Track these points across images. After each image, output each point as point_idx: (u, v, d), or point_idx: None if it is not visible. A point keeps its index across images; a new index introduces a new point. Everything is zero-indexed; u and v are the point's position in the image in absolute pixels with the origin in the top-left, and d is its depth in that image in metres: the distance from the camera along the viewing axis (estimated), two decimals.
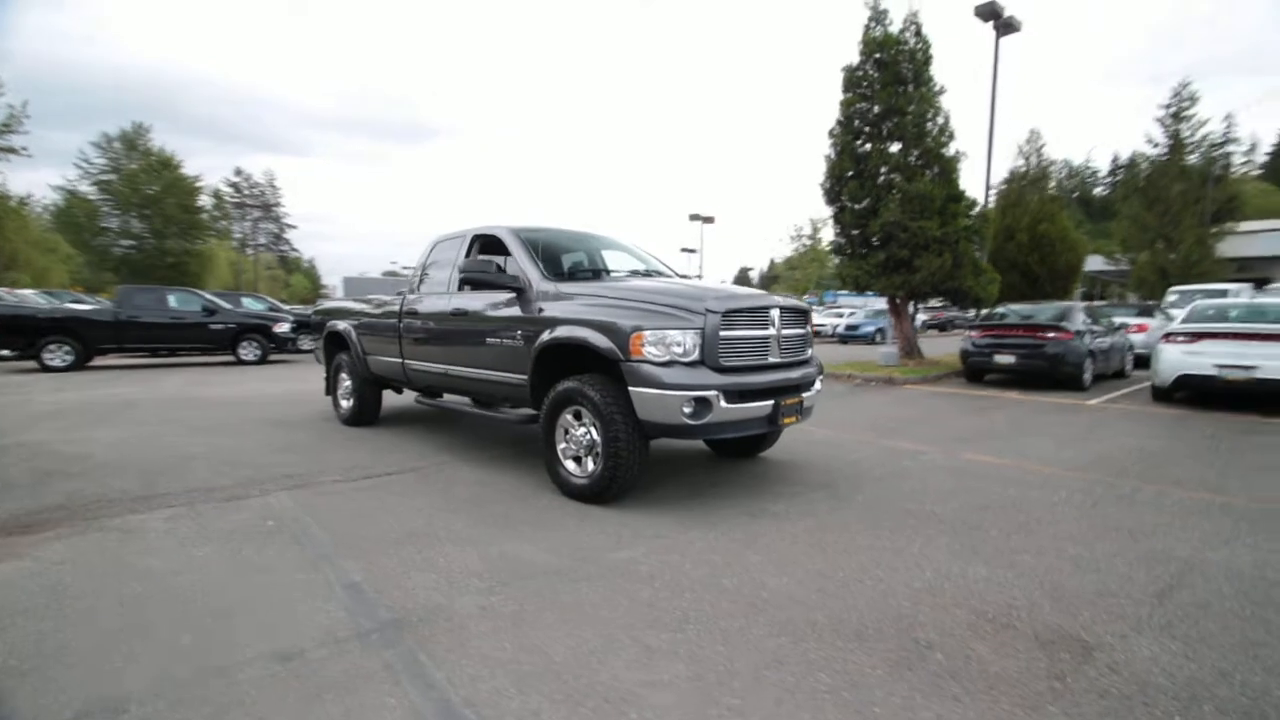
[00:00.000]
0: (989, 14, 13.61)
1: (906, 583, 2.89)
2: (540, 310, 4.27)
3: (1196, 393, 7.93)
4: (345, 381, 6.80)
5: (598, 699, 2.00)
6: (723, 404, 3.68)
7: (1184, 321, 8.10)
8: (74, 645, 2.31)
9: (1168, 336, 7.91)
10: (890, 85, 11.96)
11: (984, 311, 12.62)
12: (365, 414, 6.65)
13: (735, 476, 4.70)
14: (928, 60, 12.11)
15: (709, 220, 31.40)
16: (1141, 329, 12.82)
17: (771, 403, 3.92)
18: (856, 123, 12.49)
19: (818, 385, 4.48)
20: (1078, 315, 9.74)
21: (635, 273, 5.11)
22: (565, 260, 5.21)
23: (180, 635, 2.38)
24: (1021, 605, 2.67)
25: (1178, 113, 25.33)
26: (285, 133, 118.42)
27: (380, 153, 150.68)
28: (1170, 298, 19.56)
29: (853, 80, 12.67)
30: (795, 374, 4.21)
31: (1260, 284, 22.03)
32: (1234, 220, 26.54)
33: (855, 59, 12.68)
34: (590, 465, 4.01)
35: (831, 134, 12.93)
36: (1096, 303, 20.71)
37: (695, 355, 3.70)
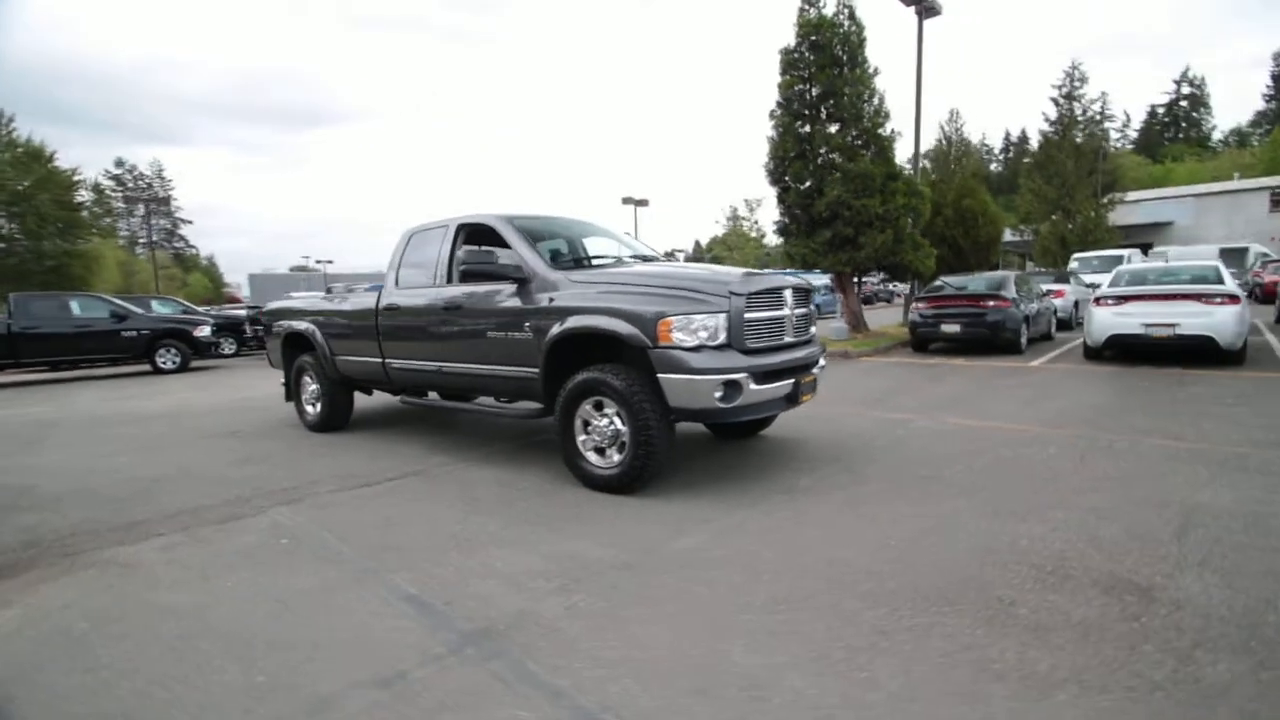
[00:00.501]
0: None
1: (960, 545, 3.02)
2: (551, 300, 4.14)
3: (1123, 349, 8.69)
4: (310, 385, 6.38)
5: (732, 688, 1.99)
6: (751, 386, 3.71)
7: (1111, 286, 8.85)
8: (134, 702, 2.06)
9: (1098, 300, 8.62)
10: (827, 68, 12.29)
11: (927, 285, 13.31)
12: (336, 418, 6.27)
13: (746, 457, 4.76)
14: (862, 42, 12.50)
15: (643, 203, 31.41)
16: (1059, 294, 13.91)
17: (792, 381, 3.99)
18: (796, 104, 12.78)
19: (823, 361, 4.59)
20: (1011, 284, 10.44)
21: (636, 258, 5.04)
22: (559, 247, 5.07)
23: (253, 674, 2.17)
24: (1071, 556, 2.85)
25: (1070, 93, 27.42)
26: (169, 120, 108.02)
27: (281, 141, 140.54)
28: (1073, 264, 21.34)
29: (790, 62, 12.93)
30: (805, 352, 4.30)
31: (1145, 249, 24.36)
32: (1117, 191, 29.19)
33: (791, 41, 12.96)
34: (615, 456, 3.95)
35: (772, 115, 13.18)
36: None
37: (722, 338, 3.70)
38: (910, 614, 2.40)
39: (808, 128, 12.55)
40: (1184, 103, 78.69)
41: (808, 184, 12.68)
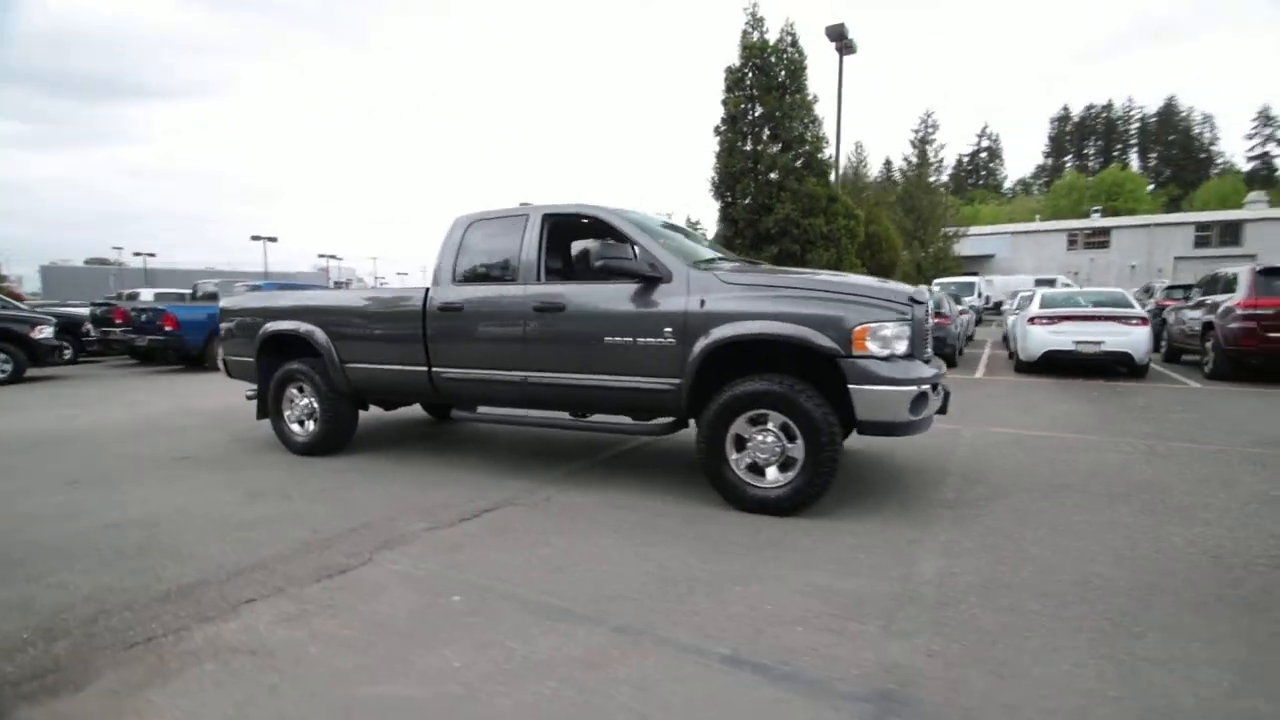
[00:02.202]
0: (835, 35, 15.18)
1: (1157, 546, 3.13)
2: (703, 304, 3.74)
3: (1049, 363, 9.84)
4: (299, 400, 5.27)
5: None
6: (931, 396, 3.61)
7: (1041, 308, 10.00)
8: None
9: (1033, 320, 9.70)
10: (773, 90, 12.78)
11: None
12: (338, 438, 5.25)
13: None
14: (802, 69, 13.16)
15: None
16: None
17: (944, 393, 3.95)
18: (741, 123, 13.15)
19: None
20: (946, 302, 11.45)
21: (729, 259, 4.73)
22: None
23: None
24: (1256, 550, 3.06)
25: (924, 137, 31.08)
26: None
27: (75, 113, 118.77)
28: (935, 288, 24.09)
29: (735, 81, 13.29)
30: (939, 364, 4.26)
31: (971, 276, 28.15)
32: (950, 225, 33.51)
33: (736, 61, 13.33)
34: (777, 474, 3.64)
35: (717, 131, 13.44)
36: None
37: (906, 348, 3.55)
38: (1172, 608, 2.44)
39: (756, 146, 12.93)
40: (984, 154, 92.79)
41: (748, 200, 13.05)
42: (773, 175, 12.62)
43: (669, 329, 3.79)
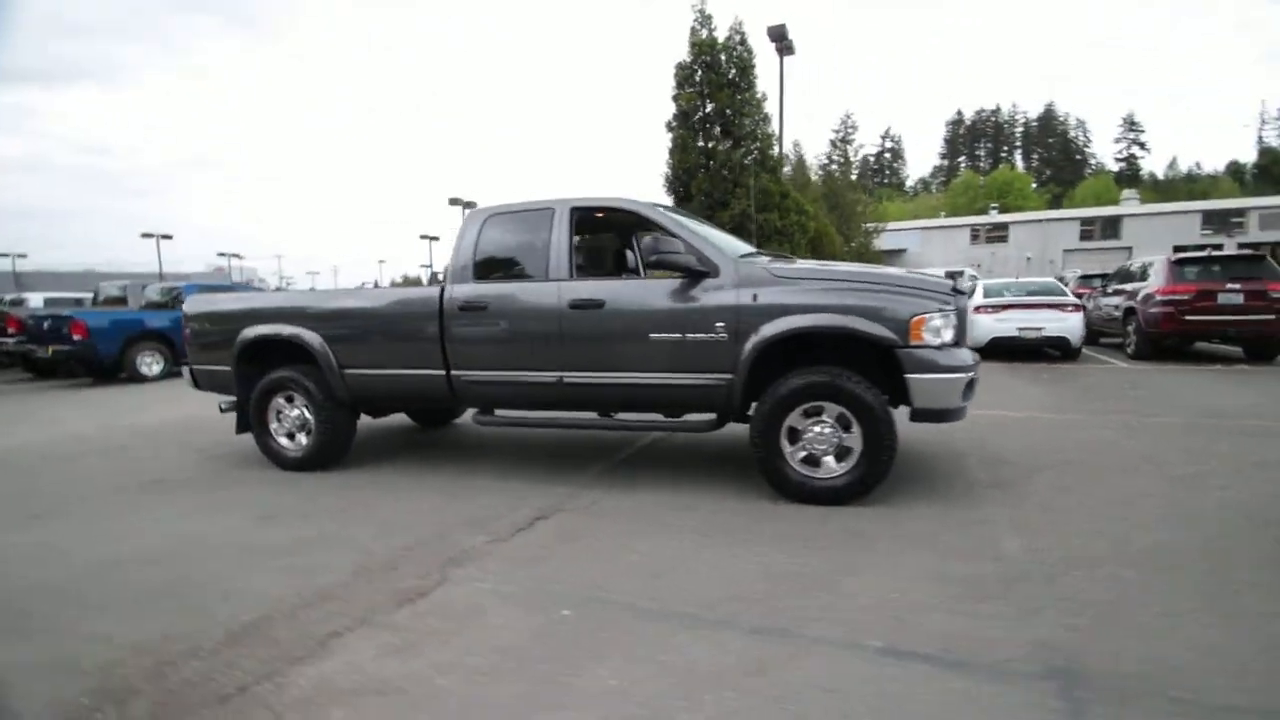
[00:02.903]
0: (776, 36, 15.55)
1: (1195, 511, 3.41)
2: (755, 298, 3.70)
3: (994, 349, 10.51)
4: (290, 411, 4.82)
5: None
6: (976, 383, 3.75)
7: (985, 298, 10.66)
8: None
9: (979, 309, 10.34)
10: (724, 88, 12.95)
11: None
12: (335, 450, 4.84)
13: None
14: (751, 67, 13.41)
15: (471, 205, 29.41)
16: None
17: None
18: (694, 119, 13.24)
19: None
20: None
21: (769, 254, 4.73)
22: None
23: None
24: (1277, 510, 3.40)
25: (845, 137, 32.51)
26: None
27: None
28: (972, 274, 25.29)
29: (685, 78, 13.36)
30: None
31: None
32: (869, 221, 35.27)
33: (686, 58, 13.40)
34: (834, 465, 3.68)
35: (670, 127, 13.48)
36: None
37: (953, 337, 3.67)
38: None
39: (709, 143, 13.06)
40: (888, 154, 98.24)
41: (703, 196, 13.17)
42: (725, 171, 12.79)
43: (720, 324, 3.74)
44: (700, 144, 13.11)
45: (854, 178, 32.82)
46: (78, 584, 2.97)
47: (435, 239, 39.90)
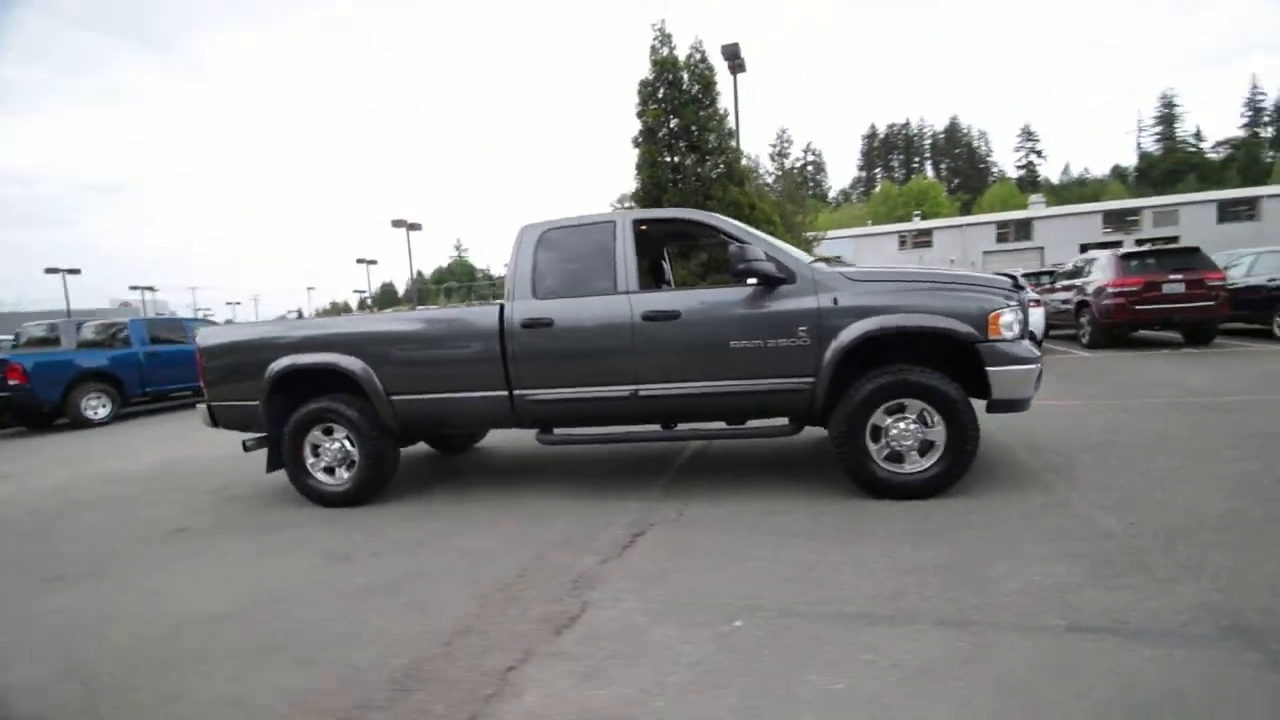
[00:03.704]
0: (729, 55, 16.02)
1: (1244, 481, 3.68)
2: (836, 301, 3.80)
3: None
4: (331, 444, 4.55)
5: None
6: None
7: None
8: None
9: None
10: (689, 105, 13.21)
11: None
12: (380, 483, 4.62)
13: None
14: (712, 83, 13.74)
15: (415, 227, 28.47)
16: None
17: None
18: (660, 135, 13.42)
19: None
20: None
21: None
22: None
23: None
24: None
25: (781, 151, 33.67)
26: None
27: None
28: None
29: (649, 95, 13.54)
30: None
31: None
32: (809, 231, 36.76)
33: (649, 75, 13.59)
34: (916, 459, 3.80)
35: (636, 143, 13.59)
36: None
37: (1020, 330, 3.88)
38: None
39: (675, 158, 13.26)
40: (810, 167, 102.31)
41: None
42: (695, 184, 13.02)
43: (803, 328, 3.82)
44: (668, 159, 13.29)
45: (797, 189, 34.01)
46: (160, 647, 2.70)
47: (373, 262, 38.64)
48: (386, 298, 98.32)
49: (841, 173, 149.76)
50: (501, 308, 4.27)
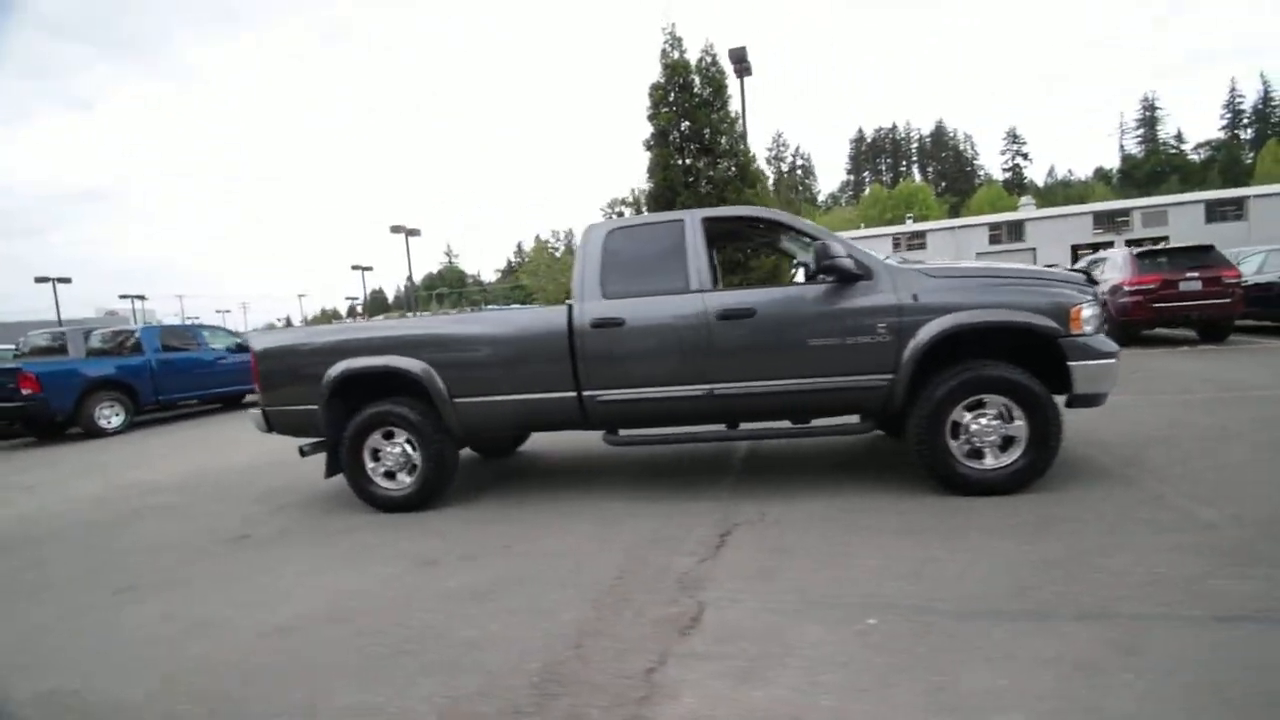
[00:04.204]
0: (736, 58, 16.07)
1: None
2: (915, 298, 3.79)
3: None
4: (392, 448, 4.48)
5: None
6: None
7: None
8: None
9: None
10: (702, 107, 13.25)
11: None
12: (441, 487, 4.54)
13: None
14: (724, 86, 13.79)
15: (414, 233, 28.27)
16: None
17: None
18: (673, 137, 13.45)
19: None
20: None
21: None
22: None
23: None
24: None
25: (777, 155, 33.91)
26: None
27: None
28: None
29: (660, 98, 13.57)
30: None
31: None
32: None
33: (660, 78, 13.63)
34: (997, 454, 3.79)
35: (648, 146, 13.62)
36: None
37: (1098, 325, 3.89)
38: None
39: (688, 161, 13.29)
40: (799, 171, 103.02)
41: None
42: (709, 188, 13.05)
43: (883, 325, 3.80)
44: (679, 162, 13.31)
45: (791, 192, 34.28)
46: (267, 656, 2.63)
47: (369, 269, 38.35)
48: (376, 305, 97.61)
49: (829, 177, 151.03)
50: (570, 308, 4.23)
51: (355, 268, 37.22)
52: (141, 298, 48.90)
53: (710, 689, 2.12)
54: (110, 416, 10.18)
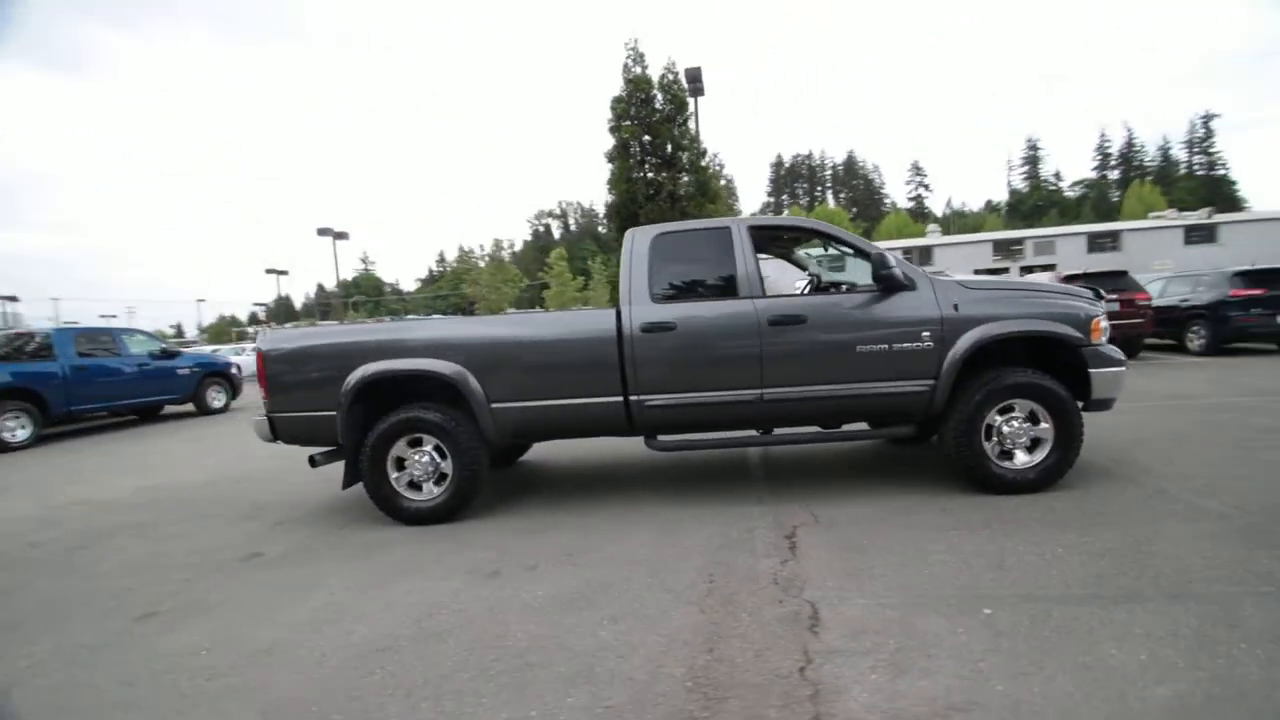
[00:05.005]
0: (691, 78, 16.47)
1: None
2: (956, 308, 4.01)
3: None
4: (419, 456, 4.24)
5: None
6: None
7: None
8: None
9: None
10: (665, 123, 13.48)
11: None
12: (472, 496, 4.33)
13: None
14: (685, 103, 14.09)
15: (342, 236, 26.69)
16: None
17: None
18: (635, 150, 13.58)
19: None
20: None
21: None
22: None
23: None
24: None
25: (714, 173, 34.85)
26: None
27: None
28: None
29: (622, 112, 13.70)
30: None
31: None
32: None
33: (622, 92, 13.76)
34: (1024, 455, 4.06)
35: (610, 158, 13.68)
36: None
37: (1109, 335, 4.26)
38: None
39: (651, 174, 13.45)
40: (724, 191, 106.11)
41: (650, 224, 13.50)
42: (670, 201, 13.25)
43: (927, 333, 4.00)
44: (641, 175, 13.45)
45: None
46: (380, 679, 2.42)
47: (284, 273, 35.96)
48: (282, 312, 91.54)
49: (751, 199, 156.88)
50: (618, 311, 4.18)
51: (270, 271, 34.81)
52: (13, 299, 43.60)
53: (873, 682, 2.15)
54: (15, 429, 9.01)
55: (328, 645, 2.70)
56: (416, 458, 4.25)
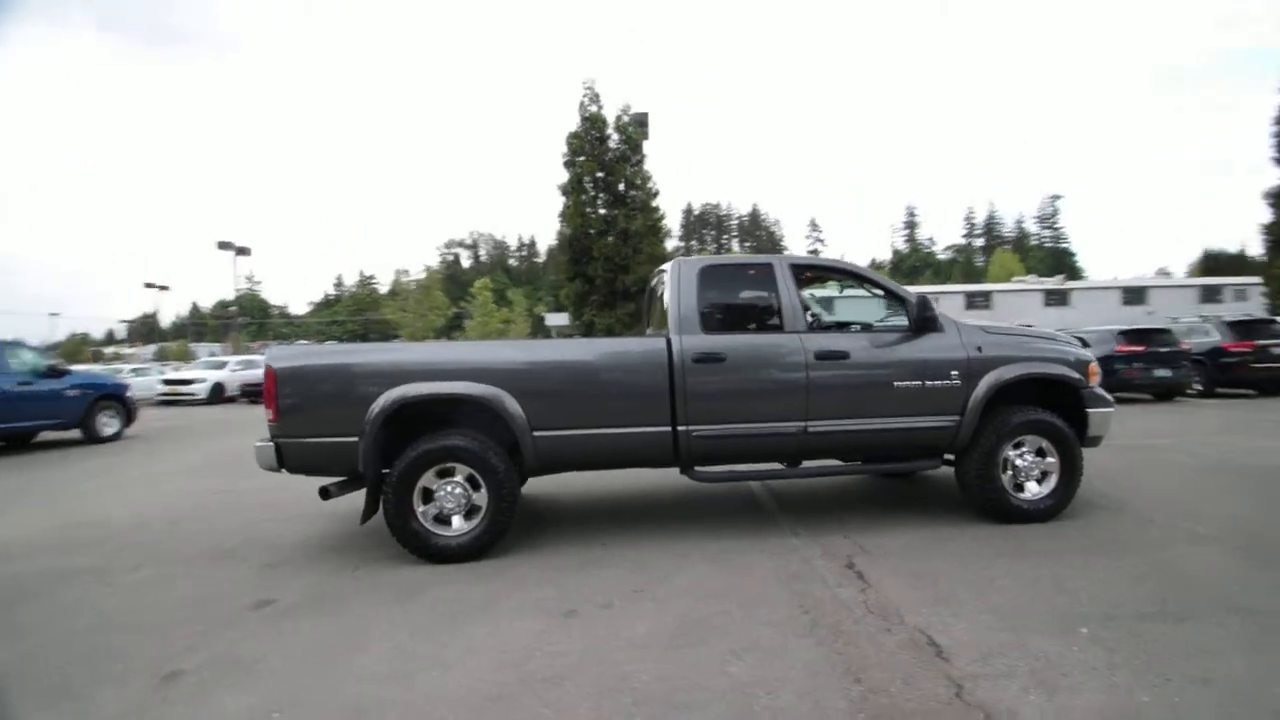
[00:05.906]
0: (637, 122, 16.98)
1: None
2: (979, 350, 4.33)
3: None
4: (452, 488, 3.95)
5: None
6: None
7: None
8: None
9: None
10: (620, 161, 13.75)
11: None
12: (506, 531, 4.08)
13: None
14: (639, 144, 14.46)
15: (244, 251, 24.38)
16: None
17: None
18: (589, 186, 13.71)
19: None
20: None
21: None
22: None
23: None
24: None
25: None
26: None
27: None
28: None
29: (579, 148, 13.85)
30: None
31: None
32: None
33: (578, 128, 13.93)
34: (1035, 487, 4.40)
35: (565, 191, 13.72)
36: None
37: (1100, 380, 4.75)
38: None
39: (605, 211, 13.60)
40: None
41: (603, 260, 13.59)
42: (623, 239, 13.43)
43: (955, 371, 4.29)
44: (595, 211, 13.58)
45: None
46: None
47: (165, 289, 32.49)
48: (145, 331, 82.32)
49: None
50: (669, 341, 4.16)
51: (149, 285, 31.33)
52: None
53: (1031, 701, 2.22)
54: None
55: (428, 697, 2.41)
56: (447, 489, 3.95)
